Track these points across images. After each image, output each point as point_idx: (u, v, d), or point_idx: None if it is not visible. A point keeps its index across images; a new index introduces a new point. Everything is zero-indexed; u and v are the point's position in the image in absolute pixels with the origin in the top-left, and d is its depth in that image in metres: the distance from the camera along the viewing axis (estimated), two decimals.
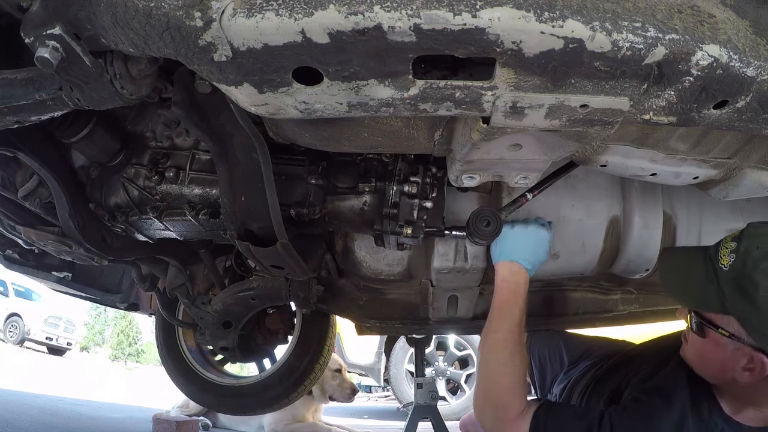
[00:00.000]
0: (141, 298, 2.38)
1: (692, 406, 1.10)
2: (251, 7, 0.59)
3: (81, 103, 0.82)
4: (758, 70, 0.65)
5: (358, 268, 1.57)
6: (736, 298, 1.00)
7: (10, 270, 1.79)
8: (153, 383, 9.45)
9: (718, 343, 1.06)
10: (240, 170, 1.08)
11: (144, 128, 1.27)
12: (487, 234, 1.20)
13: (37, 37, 0.67)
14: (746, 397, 1.08)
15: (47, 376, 6.97)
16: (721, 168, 1.01)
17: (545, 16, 0.57)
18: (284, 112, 0.74)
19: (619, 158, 1.00)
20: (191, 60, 0.66)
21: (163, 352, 2.24)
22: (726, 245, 1.06)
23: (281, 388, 2.13)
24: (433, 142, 0.98)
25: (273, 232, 1.09)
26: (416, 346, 2.66)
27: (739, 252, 1.02)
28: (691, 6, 0.64)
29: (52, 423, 2.77)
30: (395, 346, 4.83)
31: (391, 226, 1.20)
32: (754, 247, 1.01)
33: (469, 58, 0.63)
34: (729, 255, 1.04)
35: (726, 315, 1.03)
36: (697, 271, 1.09)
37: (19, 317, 12.18)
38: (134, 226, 1.28)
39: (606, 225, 1.41)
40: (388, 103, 0.70)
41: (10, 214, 1.29)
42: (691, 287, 1.12)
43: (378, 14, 0.57)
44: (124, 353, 31.88)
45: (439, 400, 2.72)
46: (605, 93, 0.67)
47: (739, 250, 1.02)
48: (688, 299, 1.14)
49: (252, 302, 1.71)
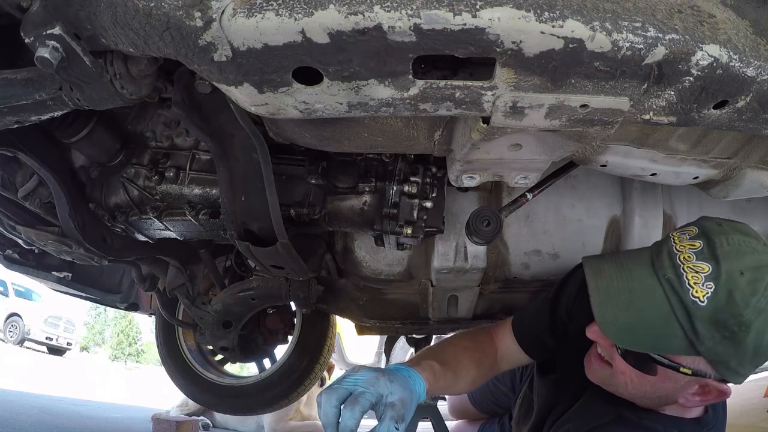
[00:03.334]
0: (141, 298, 2.38)
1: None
2: (251, 7, 0.59)
3: (81, 103, 0.82)
4: (758, 70, 0.65)
5: (358, 268, 1.57)
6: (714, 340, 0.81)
7: (10, 270, 1.78)
8: (153, 383, 9.45)
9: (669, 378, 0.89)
10: (240, 170, 1.08)
11: (144, 128, 1.26)
12: (487, 234, 1.19)
13: (37, 37, 0.67)
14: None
15: (47, 376, 6.97)
16: (721, 168, 1.01)
17: (545, 16, 0.57)
18: (284, 112, 0.74)
19: (619, 158, 1.00)
20: (191, 60, 0.66)
21: (163, 352, 2.24)
22: (693, 266, 0.83)
23: (281, 388, 2.13)
24: (433, 142, 0.98)
25: (273, 232, 1.09)
26: (416, 346, 2.65)
27: (719, 280, 0.80)
28: (691, 6, 0.64)
29: (52, 423, 2.77)
30: (395, 346, 4.82)
31: (391, 226, 1.20)
32: (737, 271, 0.80)
33: (469, 58, 0.63)
34: (704, 285, 0.81)
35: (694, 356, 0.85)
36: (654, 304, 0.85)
37: (19, 317, 12.19)
38: (134, 226, 1.28)
39: (606, 225, 1.41)
40: (388, 103, 0.70)
41: (10, 214, 1.29)
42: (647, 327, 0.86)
43: (378, 14, 0.57)
44: (124, 353, 31.87)
45: (439, 399, 2.72)
46: (605, 93, 0.67)
47: (719, 278, 0.80)
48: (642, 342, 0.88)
49: (252, 302, 1.71)
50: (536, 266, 1.48)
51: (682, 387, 0.90)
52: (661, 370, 0.89)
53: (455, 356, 1.17)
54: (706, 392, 0.90)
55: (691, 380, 0.88)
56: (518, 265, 1.48)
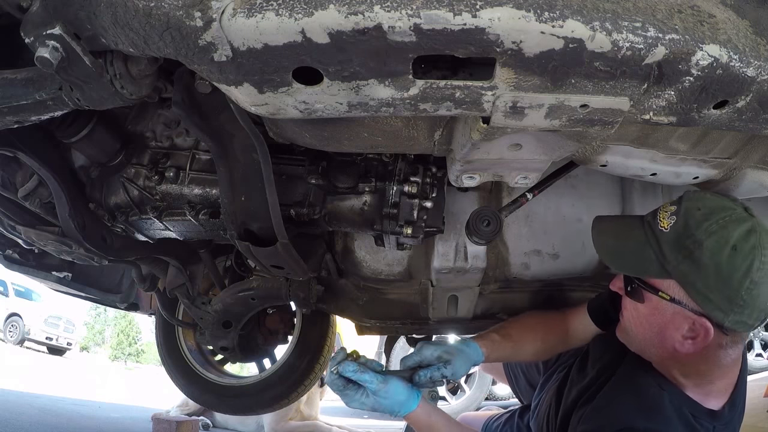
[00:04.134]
0: (141, 298, 2.39)
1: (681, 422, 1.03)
2: (251, 7, 0.59)
3: (81, 103, 0.82)
4: (758, 70, 0.65)
5: (358, 268, 1.57)
6: (677, 260, 0.97)
7: (10, 270, 1.79)
8: (153, 383, 9.44)
9: (656, 308, 1.03)
10: (240, 170, 1.08)
11: (144, 128, 1.27)
12: (487, 234, 1.19)
13: (37, 37, 0.67)
14: (699, 373, 1.05)
15: (47, 376, 6.97)
16: (721, 168, 1.01)
17: (545, 16, 0.57)
18: (284, 112, 0.74)
19: (619, 158, 1.00)
20: (191, 60, 0.66)
21: (163, 352, 2.24)
22: (665, 209, 1.04)
23: (281, 388, 2.13)
24: (433, 142, 0.98)
25: (273, 232, 1.09)
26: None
27: (680, 214, 0.99)
28: (691, 6, 0.64)
29: (52, 423, 2.78)
30: (395, 346, 4.82)
31: (391, 226, 1.20)
32: (695, 208, 0.98)
33: (469, 58, 0.63)
34: (669, 218, 1.01)
35: (667, 279, 1.00)
36: (634, 235, 1.06)
37: (19, 317, 12.18)
38: (134, 226, 1.28)
39: None
40: (388, 103, 0.70)
41: (10, 214, 1.29)
42: (627, 252, 1.07)
43: (378, 14, 0.57)
44: (124, 353, 31.88)
45: (439, 399, 2.72)
46: (605, 93, 0.67)
47: (680, 212, 1.00)
48: (624, 265, 1.09)
49: (252, 302, 1.71)
50: (536, 266, 1.48)
51: (669, 321, 1.02)
52: (647, 296, 1.05)
53: (518, 331, 1.39)
54: (694, 333, 0.99)
55: (675, 313, 1.00)
56: (518, 265, 1.48)
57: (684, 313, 0.99)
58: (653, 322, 1.05)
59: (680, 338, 1.00)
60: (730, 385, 1.08)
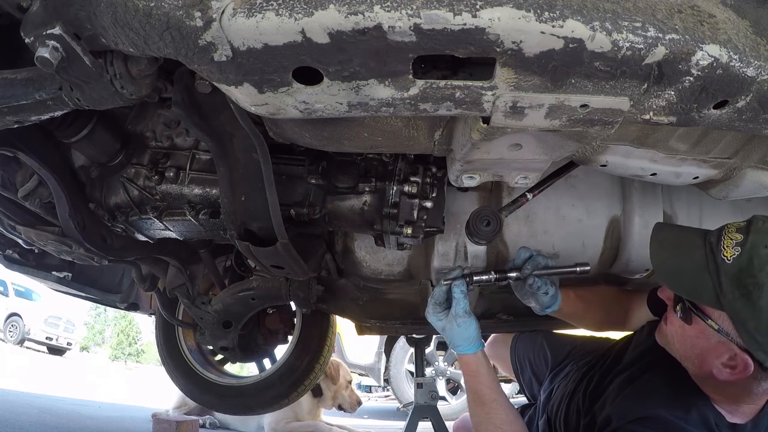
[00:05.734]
0: (141, 298, 2.38)
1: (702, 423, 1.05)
2: (251, 7, 0.59)
3: (81, 103, 0.82)
4: (758, 70, 0.65)
5: (358, 268, 1.57)
6: (734, 295, 0.95)
7: (10, 270, 1.79)
8: (153, 383, 9.45)
9: (702, 333, 1.03)
10: (240, 170, 1.08)
11: (144, 128, 1.26)
12: (487, 234, 1.19)
13: (37, 36, 0.67)
14: (728, 396, 1.06)
15: (47, 376, 6.97)
16: (721, 168, 1.01)
17: (545, 16, 0.57)
18: (284, 112, 0.74)
19: (619, 158, 1.00)
20: (191, 60, 0.66)
21: (163, 352, 2.25)
22: (730, 235, 0.99)
23: (281, 387, 2.13)
24: (433, 142, 0.98)
25: (273, 232, 1.09)
26: (416, 346, 2.66)
27: (745, 247, 0.96)
28: (691, 6, 0.64)
29: (52, 423, 2.78)
30: (395, 346, 4.83)
31: (391, 226, 1.20)
32: (763, 245, 0.95)
33: (469, 58, 0.63)
34: (734, 248, 0.97)
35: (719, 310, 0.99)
36: (694, 257, 1.02)
37: (19, 317, 12.19)
38: (134, 226, 1.28)
39: (606, 225, 1.41)
40: (388, 103, 0.70)
41: (10, 214, 1.29)
42: (685, 274, 1.04)
43: (378, 14, 0.57)
44: (124, 353, 31.91)
45: (439, 400, 2.73)
46: (605, 93, 0.67)
47: (746, 245, 0.96)
48: (679, 285, 1.06)
49: (252, 302, 1.71)
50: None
51: (713, 348, 1.01)
52: (695, 319, 1.03)
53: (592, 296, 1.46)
54: (734, 364, 0.99)
55: (720, 342, 0.99)
56: None
57: (728, 345, 0.99)
58: (696, 344, 1.05)
59: (719, 365, 1.00)
60: (756, 409, 1.09)
